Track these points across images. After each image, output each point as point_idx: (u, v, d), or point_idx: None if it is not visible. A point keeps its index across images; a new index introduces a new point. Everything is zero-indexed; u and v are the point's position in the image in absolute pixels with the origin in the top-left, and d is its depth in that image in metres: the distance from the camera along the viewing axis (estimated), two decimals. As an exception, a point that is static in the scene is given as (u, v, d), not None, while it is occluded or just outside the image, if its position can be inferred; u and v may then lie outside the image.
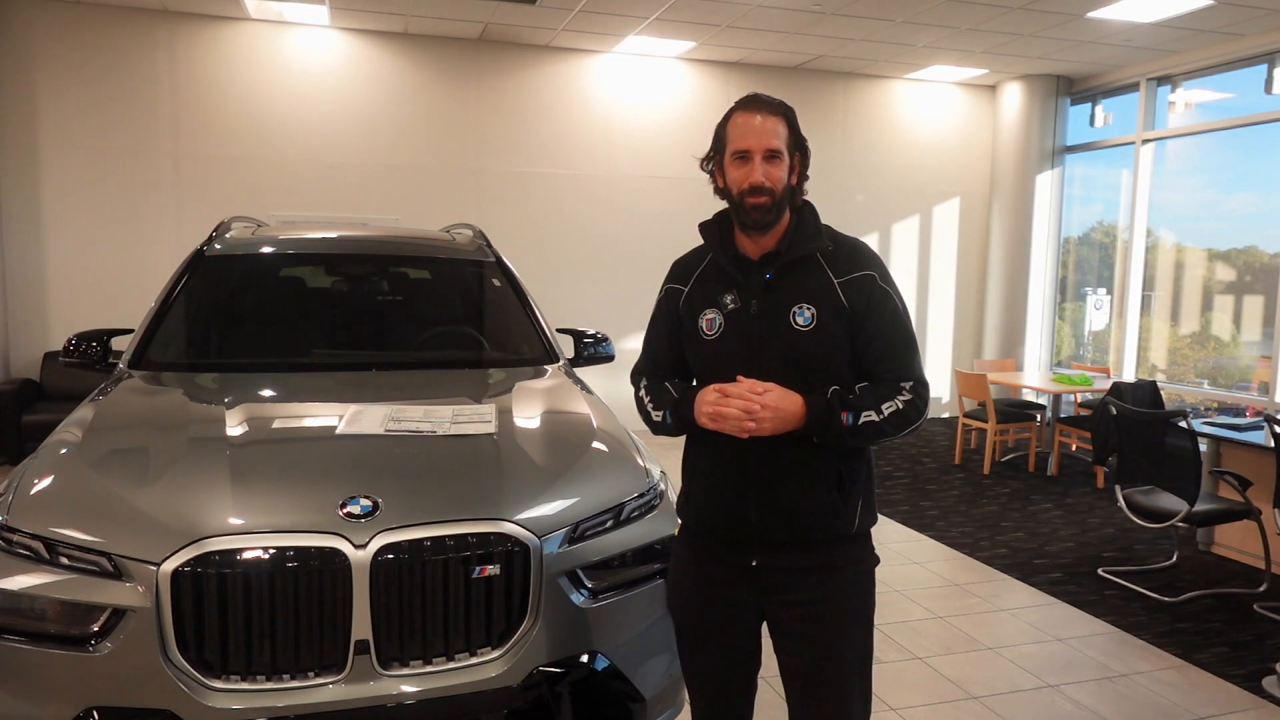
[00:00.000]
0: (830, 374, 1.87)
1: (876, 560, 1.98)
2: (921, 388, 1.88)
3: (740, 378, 1.81)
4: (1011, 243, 9.15)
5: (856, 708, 1.92)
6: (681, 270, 2.06)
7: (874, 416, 1.82)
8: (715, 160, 1.93)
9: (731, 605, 1.96)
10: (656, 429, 2.00)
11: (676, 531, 2.09)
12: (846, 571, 1.92)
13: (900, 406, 1.84)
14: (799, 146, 1.91)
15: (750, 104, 1.88)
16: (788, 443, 1.83)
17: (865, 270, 1.90)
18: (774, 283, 1.89)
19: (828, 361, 1.87)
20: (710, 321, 1.94)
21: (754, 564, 1.91)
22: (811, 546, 1.89)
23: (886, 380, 1.87)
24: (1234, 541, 5.15)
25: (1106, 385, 6.64)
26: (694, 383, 2.02)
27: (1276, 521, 4.29)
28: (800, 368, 1.86)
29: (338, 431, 2.52)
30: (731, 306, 1.92)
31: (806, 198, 1.96)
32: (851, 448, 1.88)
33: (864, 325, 1.87)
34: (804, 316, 1.86)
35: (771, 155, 1.84)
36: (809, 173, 1.94)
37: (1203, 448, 4.63)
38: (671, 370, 2.06)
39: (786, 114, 1.89)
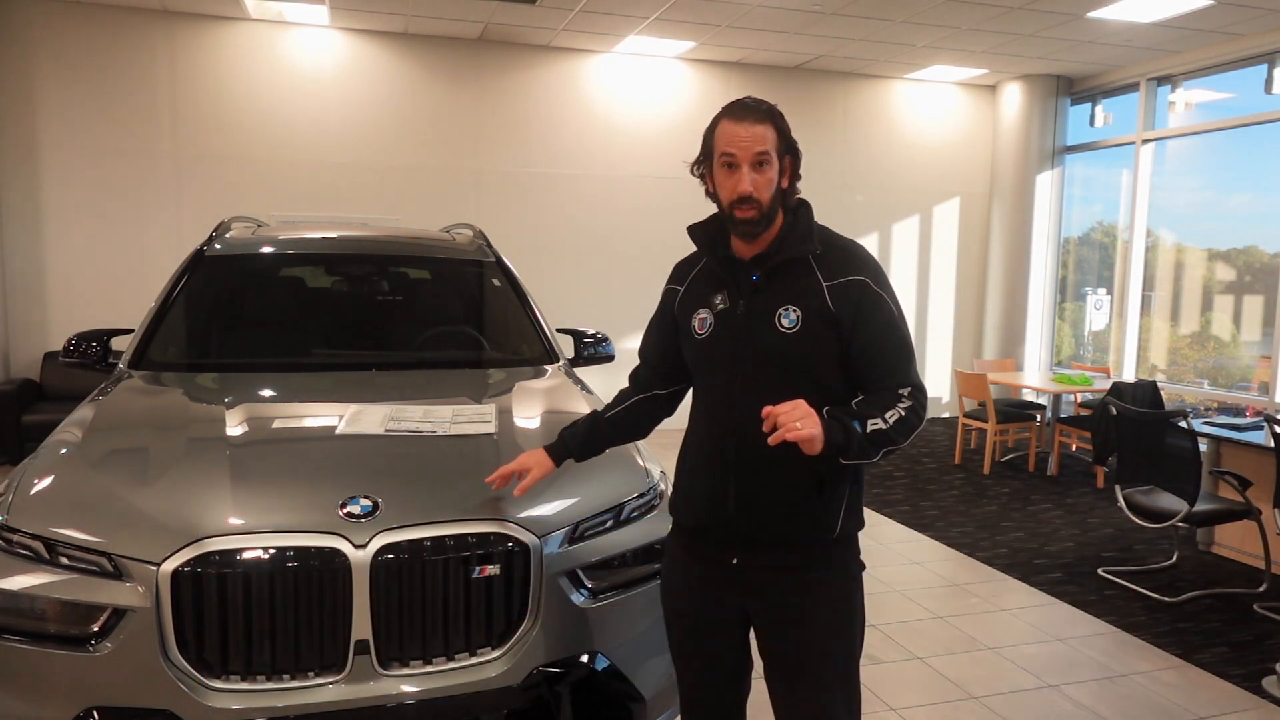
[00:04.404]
0: (815, 377, 1.85)
1: (861, 566, 1.97)
2: (919, 393, 1.85)
3: (767, 409, 1.72)
4: (1011, 243, 9.15)
5: (840, 711, 1.90)
6: (680, 271, 2.09)
7: (880, 424, 1.77)
8: (705, 165, 1.92)
9: (716, 603, 1.97)
10: None
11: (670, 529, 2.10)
12: (827, 575, 1.90)
13: (903, 414, 1.80)
14: (789, 149, 1.88)
15: (736, 111, 1.85)
16: (767, 438, 1.74)
17: (856, 275, 1.86)
18: (761, 284, 1.89)
19: (812, 364, 1.85)
20: (702, 321, 1.95)
21: (735, 562, 1.91)
22: (791, 548, 1.89)
23: (883, 388, 1.84)
24: (1234, 541, 5.15)
25: (1106, 385, 6.64)
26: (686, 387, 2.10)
27: (1276, 521, 4.29)
28: (785, 370, 1.85)
29: (338, 431, 2.52)
30: (721, 307, 1.93)
31: (802, 196, 1.94)
32: (873, 460, 1.81)
33: (855, 332, 1.84)
34: (789, 319, 1.85)
35: (759, 162, 1.82)
36: (801, 172, 1.92)
37: (1203, 448, 4.63)
38: (656, 370, 2.12)
39: (774, 118, 1.86)
